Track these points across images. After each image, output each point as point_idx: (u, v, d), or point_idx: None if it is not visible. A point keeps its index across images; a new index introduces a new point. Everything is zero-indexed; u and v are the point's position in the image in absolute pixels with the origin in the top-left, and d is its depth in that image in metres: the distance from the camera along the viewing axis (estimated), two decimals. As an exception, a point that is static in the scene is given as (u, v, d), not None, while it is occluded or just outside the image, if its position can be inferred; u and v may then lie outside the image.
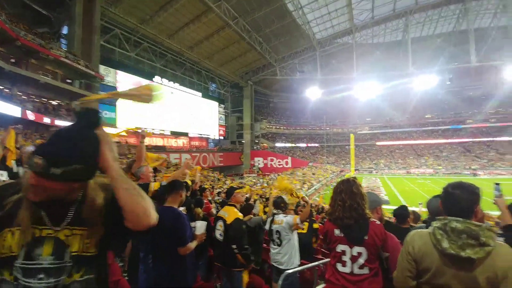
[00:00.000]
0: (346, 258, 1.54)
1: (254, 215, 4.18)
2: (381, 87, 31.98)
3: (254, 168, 33.82)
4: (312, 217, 3.29)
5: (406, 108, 39.29)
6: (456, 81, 32.69)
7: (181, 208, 2.31)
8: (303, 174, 27.98)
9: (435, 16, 27.15)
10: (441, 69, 29.62)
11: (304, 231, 3.60)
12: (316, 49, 29.89)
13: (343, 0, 23.23)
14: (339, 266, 1.55)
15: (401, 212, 2.78)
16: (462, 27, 27.47)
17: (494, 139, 36.05)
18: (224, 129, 32.90)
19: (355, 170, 36.22)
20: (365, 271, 1.50)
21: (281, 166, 34.07)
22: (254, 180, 23.82)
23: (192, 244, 1.95)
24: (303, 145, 44.69)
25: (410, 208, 3.12)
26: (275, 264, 2.77)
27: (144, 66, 22.77)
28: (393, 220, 3.06)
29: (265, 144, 38.70)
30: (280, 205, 3.00)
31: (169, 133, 24.24)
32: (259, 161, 35.03)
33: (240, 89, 34.11)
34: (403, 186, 25.85)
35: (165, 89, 23.23)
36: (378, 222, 1.58)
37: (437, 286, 1.15)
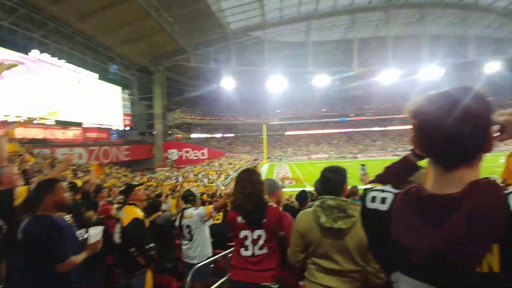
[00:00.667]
0: (248, 242, 1.67)
1: (164, 211, 3.93)
2: (287, 82, 35.23)
3: (167, 161, 31.70)
4: (227, 207, 3.32)
5: (309, 102, 45.07)
6: (343, 81, 39.55)
7: (67, 216, 1.92)
8: (219, 164, 28.18)
9: (329, 24, 31.69)
10: (332, 71, 35.23)
11: (219, 221, 3.62)
12: (230, 39, 30.00)
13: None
14: (242, 251, 1.68)
15: (301, 195, 3.27)
16: (349, 36, 33.24)
17: (368, 129, 45.99)
18: (130, 118, 28.88)
19: (268, 158, 39.31)
20: (264, 250, 1.66)
21: (197, 157, 33.17)
22: (167, 174, 22.32)
23: (77, 258, 1.62)
24: (219, 135, 44.91)
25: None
26: (187, 260, 2.69)
27: (16, 37, 17.29)
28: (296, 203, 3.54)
29: (179, 135, 36.74)
30: (188, 198, 2.89)
31: (53, 123, 19.45)
32: (173, 153, 33.06)
33: (149, 74, 30.58)
34: (306, 170, 29.89)
35: (46, 66, 18.42)
36: (275, 205, 1.75)
37: (319, 255, 1.37)
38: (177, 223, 2.80)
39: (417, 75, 35.51)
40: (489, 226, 0.49)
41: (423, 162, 0.76)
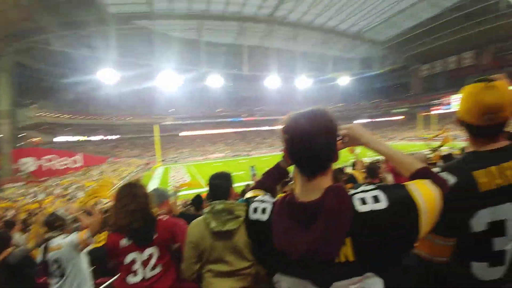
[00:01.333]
0: (137, 266, 1.50)
1: (17, 246, 2.89)
2: (181, 79, 33.69)
3: (20, 173, 23.88)
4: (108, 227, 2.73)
5: (203, 102, 44.94)
6: (236, 83, 41.90)
7: None
8: (100, 172, 23.72)
9: (221, 28, 32.66)
10: (226, 72, 36.60)
11: (101, 243, 2.94)
12: (109, 24, 25.65)
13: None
14: (130, 278, 1.49)
15: (196, 200, 3.20)
16: (239, 42, 35.36)
17: (259, 128, 50.61)
18: None
19: (162, 160, 36.45)
20: (157, 270, 1.52)
21: (65, 166, 26.60)
22: (21, 191, 16.88)
23: None
24: (98, 138, 37.76)
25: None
26: None
27: None
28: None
29: (37, 139, 28.33)
30: (53, 224, 2.20)
31: None
32: (28, 163, 25.15)
33: None
34: (203, 171, 29.68)
35: None
36: (165, 218, 1.64)
37: (213, 261, 1.38)
38: (39, 258, 2.12)
39: (294, 83, 42.50)
40: (340, 223, 0.60)
41: (291, 168, 0.89)
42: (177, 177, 26.48)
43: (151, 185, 22.83)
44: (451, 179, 0.84)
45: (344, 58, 44.59)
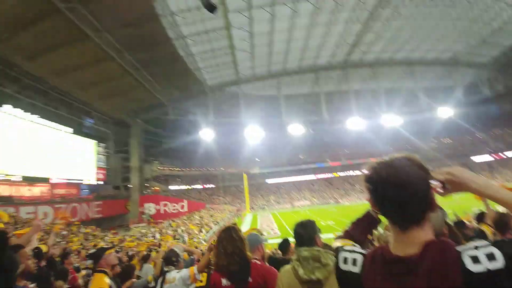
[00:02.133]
0: None
1: (139, 277, 3.60)
2: (264, 132, 36.90)
3: (143, 216, 29.69)
4: (211, 266, 3.12)
5: (286, 150, 46.69)
6: (316, 129, 42.27)
7: (32, 285, 1.83)
8: (200, 217, 26.91)
9: (297, 80, 35.42)
10: (305, 120, 37.99)
11: (203, 283, 3.29)
12: (207, 94, 32.14)
13: (229, 56, 26.62)
14: None
15: (283, 244, 3.25)
16: (316, 89, 37.03)
17: (345, 173, 47.42)
18: (104, 172, 27.88)
19: (250, 208, 38.18)
20: None
21: (176, 211, 31.52)
22: (143, 231, 20.70)
23: None
24: (199, 186, 43.79)
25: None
26: None
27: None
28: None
29: (157, 188, 35.41)
30: (171, 260, 2.65)
31: (20, 179, 18.30)
32: (150, 208, 31.17)
33: (126, 127, 30.89)
34: (290, 218, 29.10)
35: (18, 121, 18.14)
36: (258, 262, 1.71)
37: None
38: None
39: (380, 122, 39.19)
40: (448, 284, 0.53)
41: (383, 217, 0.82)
42: (265, 223, 26.90)
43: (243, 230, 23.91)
44: None
45: (440, 88, 39.15)
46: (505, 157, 38.15)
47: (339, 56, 31.47)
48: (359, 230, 0.98)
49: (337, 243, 0.90)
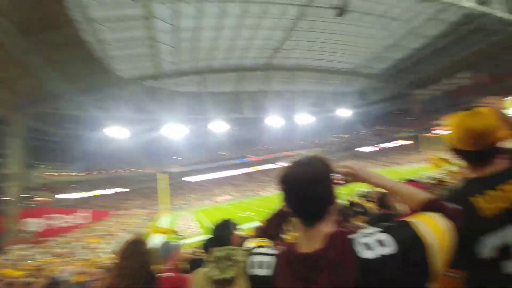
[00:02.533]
0: None
1: None
2: (186, 129, 34.72)
3: (23, 235, 23.43)
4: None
5: (208, 148, 45.72)
6: (239, 127, 42.98)
7: None
8: (107, 226, 23.36)
9: (222, 78, 34.52)
10: (228, 117, 37.77)
11: None
12: (122, 87, 27.40)
13: (149, 48, 23.51)
14: None
15: (207, 243, 3.04)
16: (239, 89, 37.08)
17: (264, 167, 50.44)
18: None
19: (169, 208, 35.85)
20: None
21: (72, 224, 26.21)
22: (24, 253, 16.58)
23: None
24: (106, 192, 37.90)
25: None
26: None
27: None
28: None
29: (45, 198, 28.44)
30: None
31: None
32: (34, 224, 24.79)
33: (5, 125, 23.25)
34: (211, 214, 28.97)
35: None
36: (169, 273, 1.55)
37: None
38: None
39: (295, 121, 43.56)
40: (345, 276, 0.56)
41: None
42: (185, 224, 25.77)
43: (156, 237, 22.13)
44: None
45: (342, 93, 46.12)
46: (384, 147, 49.08)
47: (262, 59, 32.28)
48: (273, 225, 1.00)
49: (249, 244, 0.89)
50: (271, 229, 0.99)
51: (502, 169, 0.86)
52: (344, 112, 46.83)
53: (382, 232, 0.59)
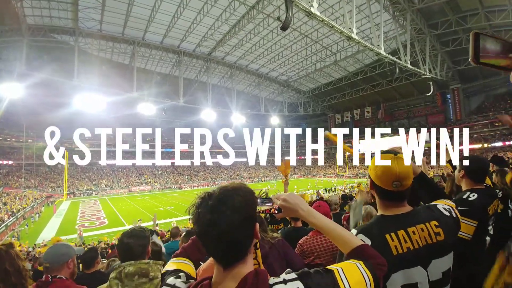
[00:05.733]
0: None
1: None
2: (106, 101, 29.92)
3: None
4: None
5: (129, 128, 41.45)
6: (170, 113, 40.65)
7: None
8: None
9: (157, 57, 32.28)
10: (159, 101, 35.21)
11: None
12: (24, 35, 22.37)
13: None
14: None
15: (88, 255, 2.52)
16: (176, 73, 35.34)
17: (192, 160, 49.19)
18: None
19: (70, 194, 30.93)
20: None
21: None
22: None
23: None
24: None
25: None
26: None
27: None
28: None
29: None
30: None
31: None
32: None
33: None
34: (124, 205, 26.35)
35: None
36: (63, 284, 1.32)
37: None
38: None
39: (230, 118, 44.06)
40: None
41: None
42: (89, 213, 22.87)
43: (52, 225, 18.72)
44: (367, 241, 0.86)
45: (274, 100, 49.48)
46: (302, 158, 55.17)
47: (204, 48, 31.78)
48: (197, 248, 0.91)
49: (169, 266, 0.82)
50: (194, 251, 0.90)
51: (411, 211, 0.95)
52: (274, 119, 49.72)
53: (299, 279, 0.57)
